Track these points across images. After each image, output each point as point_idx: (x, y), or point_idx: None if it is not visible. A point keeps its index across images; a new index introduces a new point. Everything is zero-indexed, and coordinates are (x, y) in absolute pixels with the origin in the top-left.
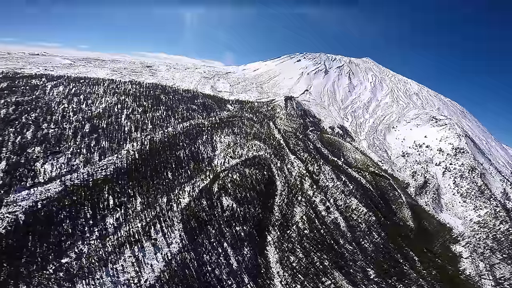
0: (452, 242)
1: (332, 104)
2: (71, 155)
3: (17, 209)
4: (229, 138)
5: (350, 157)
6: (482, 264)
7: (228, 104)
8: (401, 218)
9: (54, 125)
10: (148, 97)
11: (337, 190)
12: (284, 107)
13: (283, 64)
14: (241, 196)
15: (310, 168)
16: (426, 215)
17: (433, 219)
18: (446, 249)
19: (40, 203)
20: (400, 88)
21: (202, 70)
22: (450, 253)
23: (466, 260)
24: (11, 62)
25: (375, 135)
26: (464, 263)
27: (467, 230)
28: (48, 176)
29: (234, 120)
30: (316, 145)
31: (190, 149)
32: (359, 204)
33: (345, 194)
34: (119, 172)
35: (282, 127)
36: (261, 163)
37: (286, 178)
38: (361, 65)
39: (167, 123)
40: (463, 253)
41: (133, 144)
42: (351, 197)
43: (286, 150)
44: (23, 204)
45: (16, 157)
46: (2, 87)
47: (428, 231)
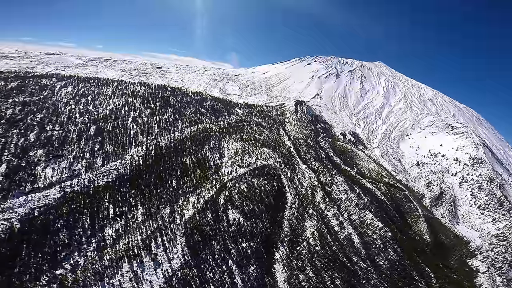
0: (469, 256)
1: (344, 109)
2: (74, 160)
3: (13, 216)
4: (237, 145)
5: (363, 167)
6: (499, 279)
7: (237, 108)
8: (417, 232)
9: (59, 127)
10: (156, 99)
11: (350, 203)
12: (294, 112)
13: (293, 67)
14: (248, 209)
15: (322, 179)
16: (442, 228)
17: (449, 232)
18: (462, 263)
19: (37, 210)
20: (413, 93)
21: (212, 72)
22: (466, 267)
23: (483, 275)
24: (25, 61)
25: (388, 143)
26: (481, 278)
27: (485, 243)
28: (48, 181)
29: (243, 125)
30: (328, 154)
31: (197, 156)
32: (374, 219)
33: (359, 208)
34: (122, 179)
35: (292, 133)
36: (270, 173)
37: (297, 189)
38: (373, 69)
39: (174, 127)
40: (480, 267)
41: (138, 149)
42: (365, 210)
43: (297, 158)
44: (20, 211)
45: (17, 160)
46: (12, 87)
47: (444, 245)
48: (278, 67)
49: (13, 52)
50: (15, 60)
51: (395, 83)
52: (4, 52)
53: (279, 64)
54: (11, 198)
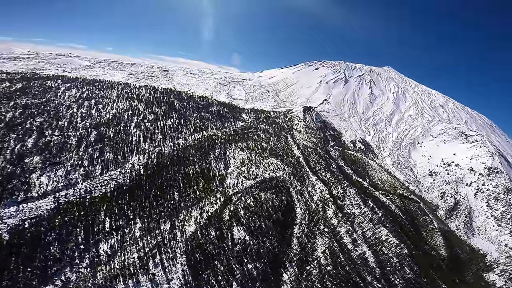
0: (485, 270)
1: (353, 116)
2: (71, 167)
3: (1, 227)
4: (244, 154)
5: (375, 178)
6: None
7: (243, 113)
8: (433, 247)
9: (59, 132)
10: (161, 103)
11: (364, 218)
12: (303, 118)
13: (300, 72)
14: (255, 226)
15: (333, 192)
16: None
17: (465, 245)
18: (479, 278)
19: (28, 222)
20: (424, 99)
21: (218, 76)
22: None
23: None
24: (33, 62)
25: (400, 151)
26: None
27: (502, 256)
28: (43, 190)
29: (249, 132)
30: (339, 163)
31: (201, 165)
32: (389, 235)
33: (374, 223)
34: (121, 190)
35: (301, 141)
36: (278, 186)
37: (307, 203)
38: (383, 74)
39: (179, 133)
40: (497, 282)
41: (140, 157)
42: (380, 226)
43: (307, 169)
44: (9, 222)
45: (11, 167)
46: (16, 88)
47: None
48: (285, 71)
49: (25, 52)
50: (24, 61)
51: (405, 88)
52: (16, 52)
53: (286, 69)
54: (2, 207)
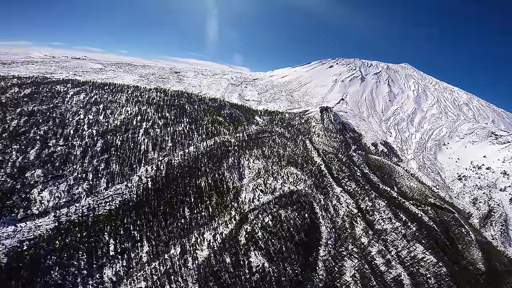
0: None
1: (372, 115)
2: (74, 181)
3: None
4: (259, 163)
5: (404, 186)
6: None
7: (256, 116)
8: (470, 261)
9: (63, 141)
10: (171, 107)
11: (397, 235)
12: (320, 120)
13: (314, 71)
14: (274, 250)
15: (361, 205)
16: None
17: (502, 256)
18: None
19: (26, 244)
20: (447, 97)
21: (230, 76)
22: None
23: None
24: (45, 66)
25: (425, 154)
26: None
27: None
28: (44, 206)
29: (264, 137)
30: (363, 171)
31: (214, 176)
32: (426, 252)
33: (408, 239)
34: (127, 206)
35: (321, 146)
36: (300, 202)
37: (332, 219)
38: (400, 72)
39: (189, 140)
40: None
41: (148, 169)
42: (415, 242)
43: (330, 179)
44: (7, 243)
45: (12, 182)
46: (25, 94)
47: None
48: (298, 70)
49: (42, 56)
50: (37, 65)
51: (425, 86)
52: (33, 56)
53: (299, 67)
54: (1, 226)
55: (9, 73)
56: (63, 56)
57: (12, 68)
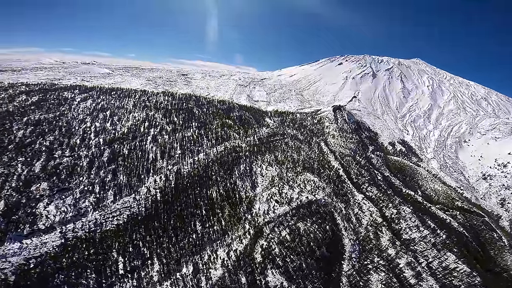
0: None
1: (387, 113)
2: (81, 194)
3: (6, 266)
4: (272, 170)
5: (428, 188)
6: None
7: (266, 117)
8: (504, 267)
9: (70, 151)
10: (179, 111)
11: (426, 244)
12: (334, 119)
13: (323, 68)
14: (294, 266)
15: (386, 213)
16: None
17: None
18: None
19: (33, 261)
20: (463, 92)
21: (237, 77)
22: None
23: None
24: (53, 72)
25: (445, 152)
26: None
27: None
28: (50, 221)
29: (276, 140)
30: (384, 174)
31: (225, 185)
32: (458, 262)
33: (438, 249)
34: (135, 221)
35: (337, 148)
36: (320, 212)
37: (355, 230)
38: (413, 67)
39: (199, 147)
40: None
41: (156, 179)
42: (445, 251)
43: (349, 185)
44: (13, 260)
45: (17, 196)
46: (32, 101)
47: None
48: (306, 68)
49: (53, 62)
50: (45, 72)
51: (440, 81)
52: (44, 63)
53: (307, 66)
54: (8, 242)
55: (18, 80)
56: (73, 62)
57: (22, 75)
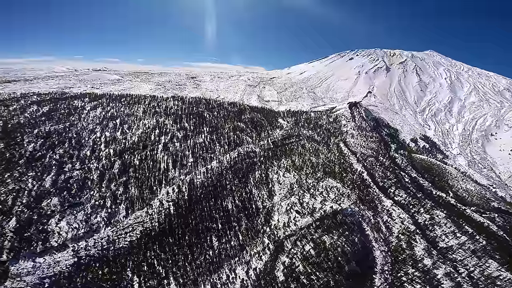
0: None
1: (405, 108)
2: (92, 209)
3: (22, 285)
4: (291, 177)
5: (460, 189)
6: None
7: (279, 118)
8: None
9: (80, 164)
10: (190, 115)
11: (465, 251)
12: (351, 117)
13: (333, 64)
14: (321, 285)
15: (418, 219)
16: None
17: None
18: None
19: (47, 282)
20: (484, 83)
21: (246, 77)
22: None
23: None
24: (64, 80)
25: (472, 147)
26: None
27: None
28: (63, 238)
29: (291, 142)
30: (411, 174)
31: (241, 195)
32: (501, 270)
33: (478, 256)
34: (149, 237)
35: (357, 148)
36: (346, 223)
37: (386, 240)
38: (427, 59)
39: (211, 153)
40: None
41: (169, 191)
42: (486, 258)
43: (375, 189)
44: (28, 280)
45: (29, 212)
46: (43, 112)
47: None
48: (316, 65)
49: (65, 70)
50: (56, 80)
51: (457, 73)
52: (56, 71)
53: (317, 62)
54: (22, 259)
55: (30, 90)
56: (85, 69)
57: (34, 84)
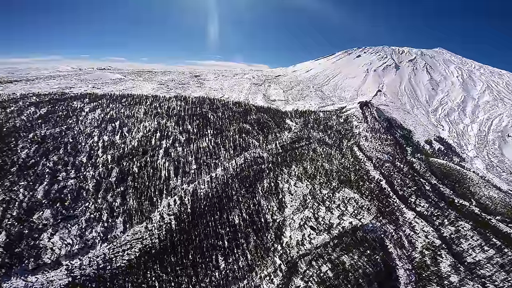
0: None
1: (416, 107)
2: (87, 223)
3: None
4: (303, 187)
5: (483, 196)
6: None
7: (287, 119)
8: None
9: (75, 172)
10: (193, 117)
11: (493, 266)
12: (363, 118)
13: (340, 62)
14: None
15: (444, 232)
16: None
17: None
18: None
19: None
20: (497, 82)
21: (251, 75)
22: None
23: None
24: (66, 80)
25: (488, 149)
26: None
27: None
28: (56, 255)
29: (301, 146)
30: (430, 181)
31: (248, 207)
32: None
33: (507, 270)
34: (149, 255)
35: (373, 153)
36: (367, 240)
37: (410, 256)
38: (437, 57)
39: (216, 159)
40: None
41: (170, 202)
42: None
43: (395, 199)
44: None
45: (19, 226)
46: (40, 114)
47: None
48: (322, 62)
49: (69, 69)
50: (57, 80)
51: (469, 71)
52: (61, 70)
53: (323, 60)
54: (14, 276)
55: (30, 91)
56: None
57: (35, 84)
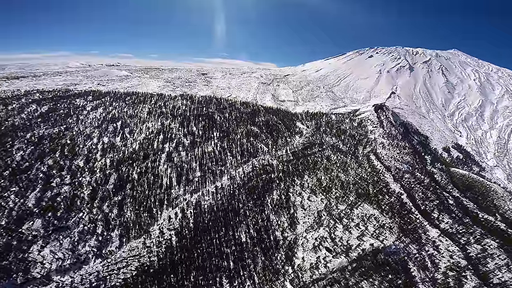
0: None
1: (432, 111)
2: (79, 236)
3: None
4: (317, 201)
5: (508, 210)
6: None
7: (297, 121)
8: None
9: (70, 178)
10: (199, 117)
11: None
12: (378, 122)
13: (352, 62)
14: None
15: (470, 252)
16: None
17: None
18: None
19: None
20: None
21: (259, 74)
22: None
23: None
24: (71, 77)
25: (509, 158)
26: None
27: None
28: (46, 269)
29: (314, 153)
30: (453, 194)
31: (256, 223)
32: None
33: None
34: (146, 275)
35: (391, 162)
36: (389, 264)
37: (432, 278)
38: (453, 59)
39: (222, 166)
40: None
41: (171, 216)
42: None
43: (417, 215)
44: None
45: (7, 237)
46: (41, 112)
47: None
48: (333, 62)
49: (78, 65)
50: (63, 76)
51: (486, 74)
52: (71, 66)
53: (333, 59)
54: None
55: (35, 87)
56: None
57: (40, 80)
